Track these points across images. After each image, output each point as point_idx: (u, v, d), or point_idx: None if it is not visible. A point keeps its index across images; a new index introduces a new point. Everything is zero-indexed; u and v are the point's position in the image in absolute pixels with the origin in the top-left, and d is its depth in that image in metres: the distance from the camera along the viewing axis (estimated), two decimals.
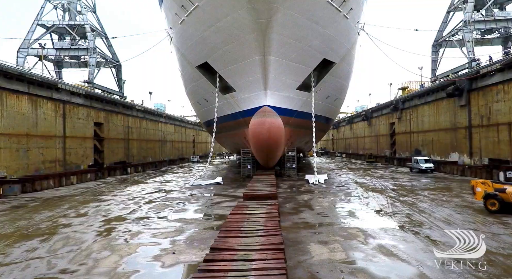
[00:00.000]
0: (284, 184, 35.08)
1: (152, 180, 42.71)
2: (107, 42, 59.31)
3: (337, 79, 41.10)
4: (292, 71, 33.82)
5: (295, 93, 36.65)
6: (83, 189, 34.74)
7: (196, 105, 49.25)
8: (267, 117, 33.79)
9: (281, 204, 22.83)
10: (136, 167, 57.29)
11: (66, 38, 57.46)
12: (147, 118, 67.35)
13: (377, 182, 35.23)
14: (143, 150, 64.58)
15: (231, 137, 49.44)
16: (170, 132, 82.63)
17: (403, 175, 42.02)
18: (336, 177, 42.15)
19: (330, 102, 45.42)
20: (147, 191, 31.92)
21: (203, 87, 40.84)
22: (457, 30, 50.52)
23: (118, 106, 54.93)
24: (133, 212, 21.77)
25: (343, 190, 29.53)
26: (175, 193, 30.21)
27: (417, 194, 26.04)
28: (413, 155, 52.44)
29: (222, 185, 35.66)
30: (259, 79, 33.11)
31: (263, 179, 30.04)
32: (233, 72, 34.25)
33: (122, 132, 55.79)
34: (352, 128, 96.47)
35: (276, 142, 33.95)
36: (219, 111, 41.65)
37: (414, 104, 53.59)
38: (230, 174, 50.04)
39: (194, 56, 36.32)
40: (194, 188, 33.62)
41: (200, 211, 21.80)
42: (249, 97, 36.00)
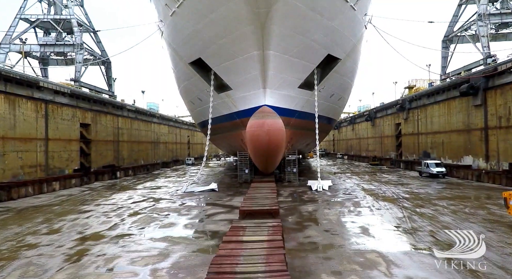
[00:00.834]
0: (285, 191, 32.79)
1: (141, 186, 40.30)
2: (95, 38, 56.82)
3: (341, 77, 38.81)
4: (293, 68, 31.50)
5: (296, 92, 34.36)
6: (65, 196, 32.31)
7: (190, 105, 46.87)
8: (266, 118, 31.44)
9: (283, 217, 20.56)
10: (127, 170, 54.87)
11: (51, 33, 54.93)
12: (138, 118, 64.93)
13: (387, 188, 32.95)
14: (135, 152, 62.15)
15: (227, 139, 47.13)
16: (163, 133, 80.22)
17: (413, 180, 39.76)
18: (341, 182, 39.87)
19: (334, 102, 43.16)
20: (134, 200, 29.54)
21: (197, 86, 38.50)
22: (470, 24, 48.32)
23: (107, 106, 52.51)
24: (114, 227, 19.40)
25: (351, 199, 27.22)
26: (164, 202, 27.83)
27: (434, 205, 23.75)
28: (422, 158, 50.26)
29: (217, 192, 33.38)
30: (257, 77, 30.78)
31: (262, 187, 27.65)
32: (229, 69, 31.93)
33: (111, 133, 53.38)
34: (354, 129, 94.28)
35: (277, 146, 31.58)
36: (214, 112, 39.44)
37: (423, 104, 51.38)
38: (226, 179, 47.74)
39: (186, 52, 33.96)
40: (186, 196, 31.27)
41: (191, 226, 19.44)
42: (246, 96, 33.67)
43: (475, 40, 47.18)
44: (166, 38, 36.26)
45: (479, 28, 43.98)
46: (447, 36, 53.01)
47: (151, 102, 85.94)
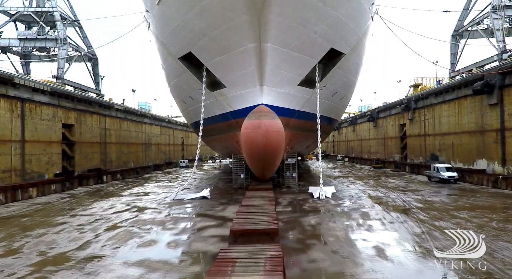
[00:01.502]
0: (284, 199, 30.30)
1: (128, 192, 37.68)
2: (81, 33, 54.08)
3: (345, 74, 36.36)
4: (293, 63, 29.04)
5: (296, 90, 31.90)
6: (40, 205, 29.67)
7: (181, 104, 44.27)
8: (263, 118, 28.88)
9: (282, 232, 18.09)
10: (114, 174, 52.25)
11: (33, 27, 52.17)
12: (128, 119, 62.25)
13: (396, 195, 30.50)
14: (124, 155, 59.48)
15: (221, 142, 44.63)
16: (155, 134, 77.57)
17: (422, 185, 37.34)
18: (344, 188, 37.42)
19: (336, 101, 40.71)
20: (116, 209, 26.95)
21: (188, 83, 35.97)
22: (482, 17, 45.95)
23: (94, 105, 49.84)
24: (85, 245, 16.83)
25: (358, 209, 24.74)
26: (149, 213, 25.26)
27: (454, 216, 21.29)
28: (430, 161, 47.95)
29: (209, 200, 30.86)
30: (253, 73, 28.27)
31: (258, 197, 24.95)
32: (222, 64, 29.39)
33: (97, 135, 50.70)
34: (356, 129, 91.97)
35: (275, 149, 29.00)
36: (207, 112, 37.01)
37: (430, 103, 49.03)
38: (220, 183, 45.24)
39: (175, 45, 31.42)
40: (174, 204, 28.72)
41: (174, 245, 16.88)
42: (241, 95, 31.17)
43: (488, 35, 44.84)
44: (153, 31, 33.70)
45: (493, 21, 41.56)
46: (457, 30, 50.59)
47: (143, 102, 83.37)
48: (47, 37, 49.47)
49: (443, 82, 49.40)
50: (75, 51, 52.00)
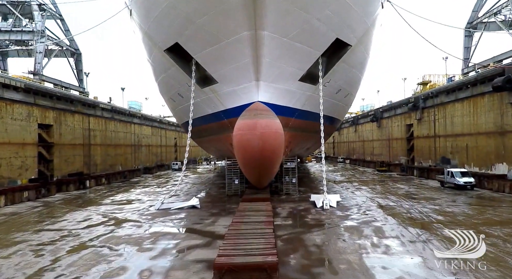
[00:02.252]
0: (283, 208, 27.30)
1: (110, 199, 34.54)
2: (63, 25, 50.84)
3: (350, 68, 33.34)
4: (294, 55, 26.04)
5: (297, 86, 28.90)
6: (5, 217, 26.48)
7: (170, 103, 41.17)
8: (259, 118, 25.74)
9: (282, 255, 15.12)
10: (99, 178, 49.09)
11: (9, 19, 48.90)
12: (116, 119, 59.03)
13: (409, 205, 27.51)
14: (110, 157, 56.24)
15: (214, 143, 41.61)
16: (146, 135, 74.35)
17: (436, 192, 34.38)
18: (349, 195, 34.44)
19: (340, 99, 37.74)
20: (90, 222, 23.84)
21: (176, 79, 32.91)
22: (500, 7, 43.00)
23: (76, 104, 46.64)
24: (34, 276, 13.72)
25: (369, 223, 21.72)
26: (127, 227, 22.16)
27: (488, 234, 18.16)
28: (440, 164, 45.09)
29: (199, 209, 27.83)
30: (248, 66, 25.22)
31: (253, 211, 21.58)
32: (213, 56, 26.32)
33: (80, 136, 47.48)
34: (357, 130, 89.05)
35: (273, 154, 25.86)
36: (198, 110, 34.16)
37: (441, 102, 46.13)
38: (213, 189, 42.22)
39: (160, 35, 28.36)
40: (159, 215, 25.64)
41: (148, 275, 13.79)
42: (235, 91, 28.15)
43: (507, 26, 41.97)
44: (135, 19, 30.57)
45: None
46: (470, 22, 47.61)
47: (133, 101, 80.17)
48: (24, 29, 46.22)
49: (455, 79, 46.46)
50: (56, 45, 48.73)
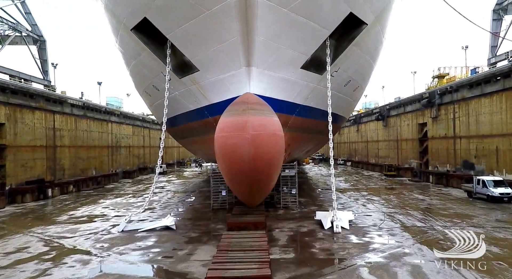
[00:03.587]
0: (281, 230, 22.06)
1: (67, 215, 28.94)
2: (23, 8, 44.91)
3: (363, 54, 27.98)
4: (296, 33, 20.71)
5: (299, 75, 23.56)
6: None
7: (146, 97, 35.56)
8: (250, 114, 20.05)
9: None
10: (65, 186, 43.42)
11: None
12: (89, 116, 53.31)
13: (442, 225, 22.23)
14: (81, 161, 50.49)
15: (198, 145, 36.12)
16: (126, 135, 68.63)
17: (467, 205, 29.20)
18: (360, 208, 29.32)
19: (348, 93, 32.43)
20: (23, 254, 18.30)
21: (149, 67, 27.47)
22: None
23: (37, 99, 40.90)
24: None
25: (399, 258, 16.37)
26: (69, 264, 16.62)
27: None
28: (461, 169, 40.18)
29: (175, 231, 22.43)
30: (236, 46, 19.81)
31: (240, 251, 15.31)
32: (191, 34, 20.91)
33: (42, 136, 41.72)
34: (360, 129, 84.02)
35: (269, 165, 19.90)
36: (177, 106, 29.32)
37: (462, 97, 41.05)
38: (198, 199, 36.99)
39: (124, 9, 22.92)
40: (120, 242, 20.22)
41: None
42: (220, 81, 22.72)
43: None
44: None
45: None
46: (500, 3, 42.27)
47: (112, 97, 74.33)
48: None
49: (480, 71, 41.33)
50: (13, 30, 42.82)
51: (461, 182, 37.18)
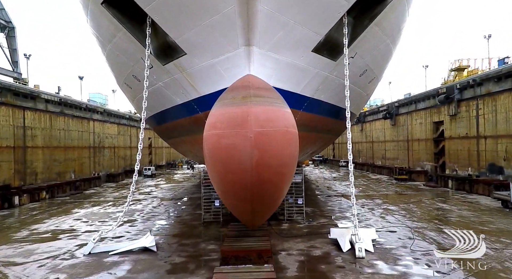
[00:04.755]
0: (288, 253, 18.08)
1: (28, 231, 24.67)
2: None
3: (384, 37, 23.88)
4: (308, 5, 16.58)
5: (309, 60, 19.37)
6: None
7: (126, 90, 31.28)
8: (253, 102, 15.68)
9: None
10: (36, 192, 38.94)
11: None
12: (67, 114, 48.95)
13: (490, 246, 18.22)
14: (58, 163, 46.11)
15: (188, 146, 31.76)
16: (111, 134, 64.25)
17: (507, 218, 25.26)
18: (379, 221, 25.32)
19: (362, 85, 28.29)
20: None
21: (127, 51, 23.26)
22: None
23: (3, 93, 36.56)
24: None
25: None
26: None
27: None
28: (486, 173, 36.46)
29: (155, 255, 18.34)
30: (232, 19, 15.61)
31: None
32: (176, 6, 16.74)
33: (10, 136, 37.34)
34: (364, 129, 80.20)
35: (279, 175, 14.75)
36: (163, 99, 25.50)
37: (487, 92, 37.24)
38: (187, 208, 32.91)
39: None
40: (83, 271, 15.99)
41: None
42: (212, 67, 18.50)
43: None
44: None
45: None
46: None
47: (96, 93, 69.95)
48: None
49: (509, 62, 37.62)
50: None
51: (489, 188, 33.35)
